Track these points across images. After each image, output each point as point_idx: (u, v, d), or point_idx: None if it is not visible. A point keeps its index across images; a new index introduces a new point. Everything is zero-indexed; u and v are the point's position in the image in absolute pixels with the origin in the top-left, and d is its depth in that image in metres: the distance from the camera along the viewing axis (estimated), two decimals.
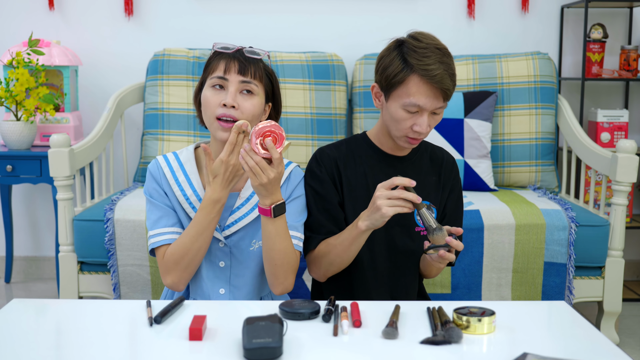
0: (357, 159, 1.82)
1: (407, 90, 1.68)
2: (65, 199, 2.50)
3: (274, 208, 1.60)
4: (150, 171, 1.74)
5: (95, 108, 3.37)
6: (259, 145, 1.55)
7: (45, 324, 1.46)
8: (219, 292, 1.74)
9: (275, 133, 1.56)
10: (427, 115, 1.69)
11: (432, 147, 1.89)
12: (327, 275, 1.78)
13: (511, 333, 1.38)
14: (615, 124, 3.15)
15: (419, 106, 1.68)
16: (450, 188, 1.85)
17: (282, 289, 1.69)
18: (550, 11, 3.36)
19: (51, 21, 3.34)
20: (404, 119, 1.70)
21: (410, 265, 1.83)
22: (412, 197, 1.55)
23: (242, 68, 1.66)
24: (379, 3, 3.33)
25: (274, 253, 1.64)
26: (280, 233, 1.63)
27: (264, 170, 1.54)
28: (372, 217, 1.60)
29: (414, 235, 1.80)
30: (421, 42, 1.70)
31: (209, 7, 3.34)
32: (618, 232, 2.54)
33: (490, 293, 2.50)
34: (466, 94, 2.95)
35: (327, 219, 1.77)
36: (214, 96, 1.66)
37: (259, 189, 1.57)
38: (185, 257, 1.65)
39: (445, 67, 1.67)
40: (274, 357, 1.22)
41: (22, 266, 3.49)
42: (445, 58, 1.69)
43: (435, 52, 1.68)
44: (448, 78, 1.67)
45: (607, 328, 2.62)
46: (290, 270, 1.67)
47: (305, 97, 3.03)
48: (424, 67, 1.66)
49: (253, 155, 1.55)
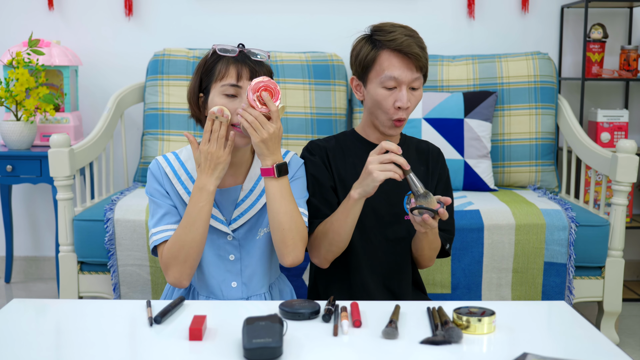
0: (345, 151, 1.86)
1: (380, 66, 1.76)
2: (65, 199, 2.50)
3: (277, 167, 1.61)
4: (152, 171, 1.74)
5: (95, 108, 3.37)
6: (257, 100, 1.58)
7: (45, 324, 1.46)
8: (230, 286, 1.75)
9: (269, 87, 1.59)
10: (406, 90, 1.74)
11: (416, 140, 1.95)
12: (328, 259, 1.79)
13: (511, 333, 1.38)
14: (615, 124, 3.15)
15: (394, 78, 1.74)
16: (438, 176, 1.90)
17: (293, 258, 1.67)
18: (550, 11, 3.36)
19: (51, 21, 3.34)
20: (384, 98, 1.76)
21: (402, 253, 1.86)
22: (401, 161, 1.59)
23: (253, 72, 1.67)
24: (379, 3, 3.33)
25: (280, 216, 1.64)
26: (285, 195, 1.64)
27: (264, 125, 1.58)
28: (363, 183, 1.64)
29: (404, 223, 1.84)
30: (385, 24, 1.81)
31: (209, 7, 3.34)
32: (618, 232, 2.54)
33: (490, 293, 2.50)
34: (466, 94, 2.95)
35: (323, 203, 1.80)
36: (229, 104, 1.66)
37: (260, 147, 1.59)
38: (181, 250, 1.64)
39: (413, 38, 1.76)
40: (274, 357, 1.22)
41: (22, 266, 3.49)
42: (412, 32, 1.78)
43: (399, 28, 1.78)
44: (416, 46, 1.74)
45: (607, 328, 2.62)
46: (299, 237, 1.66)
47: (305, 97, 3.03)
48: (391, 39, 1.74)
49: (251, 110, 1.58)
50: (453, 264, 2.46)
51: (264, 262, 1.77)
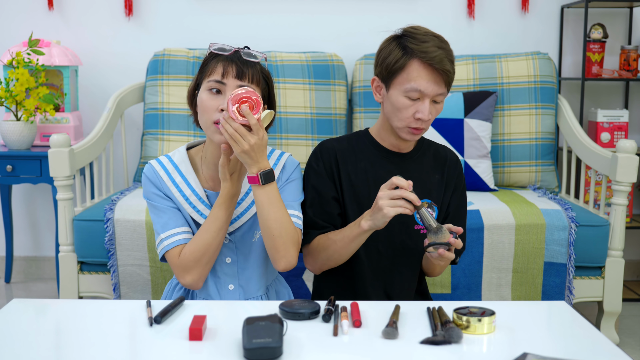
0: (358, 155, 1.82)
1: (407, 75, 1.70)
2: (65, 199, 2.50)
3: (262, 175, 1.60)
4: (147, 176, 1.74)
5: (95, 108, 3.37)
6: (236, 111, 1.57)
7: (45, 324, 1.46)
8: (228, 289, 1.75)
9: (250, 99, 1.58)
10: (429, 103, 1.70)
11: (435, 145, 1.89)
12: (323, 269, 1.79)
13: (511, 333, 1.38)
14: (615, 124, 3.15)
15: (420, 91, 1.69)
16: (453, 187, 1.85)
17: (285, 263, 1.67)
18: (550, 11, 3.36)
19: (51, 21, 3.34)
20: (405, 107, 1.71)
21: (408, 263, 1.83)
22: (412, 198, 1.56)
23: (240, 72, 1.65)
24: (379, 3, 3.33)
25: (270, 223, 1.63)
26: (273, 202, 1.63)
27: (244, 137, 1.57)
28: (374, 217, 1.61)
29: (412, 233, 1.81)
30: (419, 30, 1.74)
31: (209, 7, 3.34)
32: (618, 232, 2.54)
33: (490, 293, 2.50)
34: (466, 94, 2.95)
35: (322, 215, 1.78)
36: (210, 100, 1.65)
37: (243, 157, 1.59)
38: (206, 254, 1.67)
39: (444, 51, 1.70)
40: (274, 357, 1.22)
41: (22, 266, 3.49)
42: (444, 44, 1.72)
43: (433, 38, 1.72)
44: (448, 61, 1.70)
45: (607, 328, 2.62)
46: (290, 242, 1.66)
47: (305, 97, 3.03)
48: (424, 50, 1.68)
49: (232, 122, 1.57)
50: (453, 264, 2.46)
51: (260, 264, 1.76)
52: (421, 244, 1.80)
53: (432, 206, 1.79)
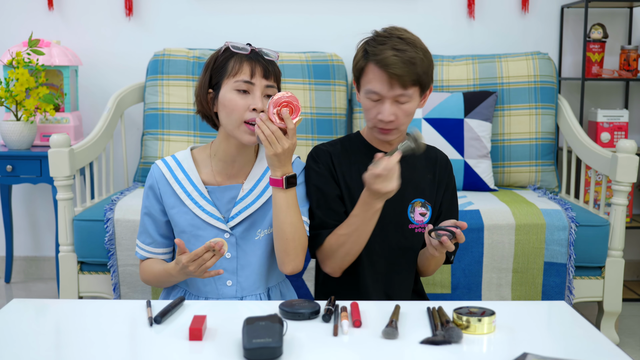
0: (351, 157, 1.84)
1: (366, 77, 1.74)
2: (65, 199, 2.50)
3: (286, 178, 1.63)
4: (154, 175, 1.78)
5: (95, 108, 3.37)
6: (276, 115, 1.60)
7: (45, 324, 1.46)
8: (226, 284, 1.75)
9: (291, 104, 1.62)
10: (390, 104, 1.72)
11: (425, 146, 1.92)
12: (343, 268, 1.79)
13: (511, 333, 1.38)
14: (615, 124, 3.15)
15: (376, 93, 1.72)
16: (445, 186, 1.88)
17: (293, 267, 1.70)
18: (550, 11, 3.36)
19: (51, 21, 3.34)
20: (368, 108, 1.76)
21: (404, 262, 1.85)
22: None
23: (266, 72, 1.69)
24: (379, 3, 3.33)
25: (285, 226, 1.66)
26: (291, 205, 1.66)
27: (279, 140, 1.60)
28: (378, 192, 1.63)
29: (407, 233, 1.83)
30: (385, 32, 1.75)
31: (209, 7, 3.34)
32: (618, 232, 2.54)
33: (490, 293, 2.50)
34: (466, 94, 2.95)
35: (329, 214, 1.79)
36: (240, 100, 1.68)
37: (272, 159, 1.62)
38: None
39: (401, 53, 1.68)
40: (274, 357, 1.22)
41: (22, 266, 3.49)
42: (404, 46, 1.70)
43: (394, 40, 1.71)
44: (402, 65, 1.68)
45: (607, 328, 2.62)
46: (301, 247, 1.69)
47: (305, 97, 3.03)
48: (377, 54, 1.71)
49: (269, 124, 1.60)
50: (453, 264, 2.46)
51: (261, 264, 1.77)
52: (416, 243, 1.83)
53: (426, 205, 1.81)
